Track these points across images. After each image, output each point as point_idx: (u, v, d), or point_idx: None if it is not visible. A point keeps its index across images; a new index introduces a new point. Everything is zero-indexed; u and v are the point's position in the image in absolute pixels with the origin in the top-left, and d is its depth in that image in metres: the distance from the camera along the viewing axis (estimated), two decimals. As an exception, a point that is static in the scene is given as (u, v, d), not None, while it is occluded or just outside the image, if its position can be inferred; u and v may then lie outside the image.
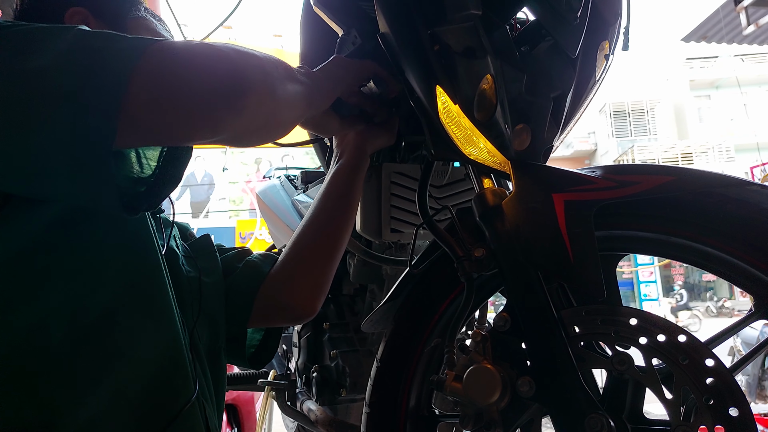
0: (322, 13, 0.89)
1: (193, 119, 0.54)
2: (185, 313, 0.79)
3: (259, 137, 0.66)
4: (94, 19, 0.81)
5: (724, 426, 0.53)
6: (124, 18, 0.84)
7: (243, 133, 0.61)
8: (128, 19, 0.85)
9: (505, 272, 0.66)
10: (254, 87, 0.57)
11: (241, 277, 0.94)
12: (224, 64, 0.56)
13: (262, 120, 0.62)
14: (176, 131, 0.55)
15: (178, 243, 0.91)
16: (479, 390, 0.61)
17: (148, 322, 0.67)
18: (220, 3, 2.43)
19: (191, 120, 0.54)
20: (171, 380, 0.69)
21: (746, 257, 0.58)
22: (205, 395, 0.78)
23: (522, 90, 0.67)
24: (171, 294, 0.72)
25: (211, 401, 0.80)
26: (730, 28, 5.63)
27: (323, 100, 0.76)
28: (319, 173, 1.76)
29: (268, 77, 0.60)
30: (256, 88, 0.57)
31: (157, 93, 0.51)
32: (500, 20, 0.68)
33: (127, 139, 0.51)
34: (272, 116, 0.63)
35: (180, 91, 0.52)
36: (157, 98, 0.51)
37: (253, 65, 0.59)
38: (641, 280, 15.62)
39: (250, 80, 0.57)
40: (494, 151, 0.69)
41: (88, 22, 0.80)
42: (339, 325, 1.47)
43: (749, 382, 4.76)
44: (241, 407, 2.70)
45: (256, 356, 1.00)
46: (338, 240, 0.93)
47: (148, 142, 0.56)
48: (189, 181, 15.39)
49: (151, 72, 0.51)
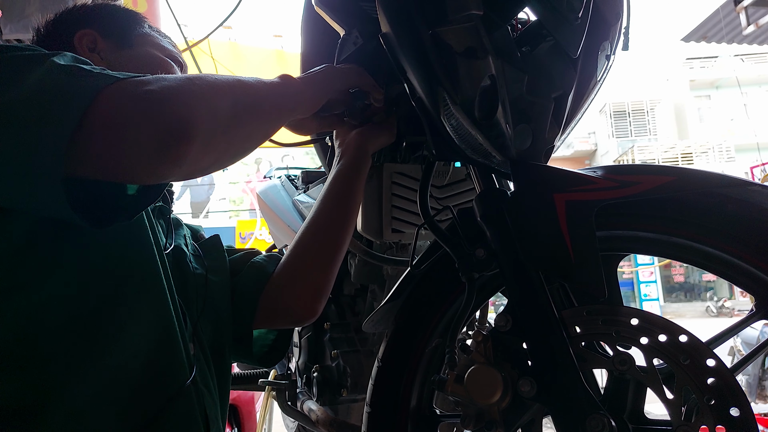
0: (324, 14, 0.89)
1: (135, 163, 0.56)
2: (189, 306, 0.82)
3: (219, 166, 0.67)
4: (102, 39, 0.85)
5: (725, 426, 0.53)
6: (130, 36, 0.89)
7: (195, 170, 0.62)
8: (134, 36, 0.89)
9: (506, 272, 0.66)
10: (195, 135, 0.56)
11: (245, 278, 0.94)
12: (170, 110, 0.56)
13: (212, 157, 0.62)
14: (122, 171, 0.57)
15: (187, 242, 0.93)
16: (480, 390, 0.61)
17: (142, 312, 0.69)
18: (220, 3, 2.43)
19: (134, 163, 0.56)
20: (163, 366, 0.71)
21: (747, 257, 0.58)
22: (208, 386, 0.80)
23: (523, 90, 0.67)
24: (166, 286, 0.73)
25: (213, 393, 0.82)
26: (730, 28, 5.63)
27: (305, 108, 0.78)
28: (320, 173, 1.76)
29: (217, 118, 0.60)
30: (196, 137, 0.57)
31: (104, 133, 0.53)
32: (501, 20, 0.68)
33: (81, 170, 0.54)
34: (226, 150, 0.65)
35: (123, 135, 0.54)
36: (104, 138, 0.54)
37: (203, 109, 0.58)
38: (641, 280, 15.63)
39: (190, 129, 0.56)
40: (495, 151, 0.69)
41: (97, 43, 0.85)
42: (340, 325, 1.47)
43: (750, 382, 4.76)
44: (242, 407, 2.70)
45: (267, 356, 1.02)
46: (340, 242, 0.92)
47: (100, 177, 0.57)
48: (189, 181, 15.37)
49: (101, 113, 0.53)
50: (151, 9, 3.69)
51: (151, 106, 0.55)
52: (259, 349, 1.02)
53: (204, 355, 0.83)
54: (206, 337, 0.85)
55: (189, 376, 0.73)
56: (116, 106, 0.54)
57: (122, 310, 0.67)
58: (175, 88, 0.57)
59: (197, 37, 4.08)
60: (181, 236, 0.94)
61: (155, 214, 0.86)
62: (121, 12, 0.92)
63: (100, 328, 0.65)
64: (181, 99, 0.57)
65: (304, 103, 0.77)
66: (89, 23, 0.85)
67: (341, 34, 0.89)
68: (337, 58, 0.88)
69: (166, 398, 0.69)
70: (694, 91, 19.76)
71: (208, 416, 0.77)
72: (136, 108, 0.55)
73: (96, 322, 0.65)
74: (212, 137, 0.59)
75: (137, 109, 0.55)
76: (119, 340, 0.66)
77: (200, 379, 0.78)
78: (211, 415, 0.78)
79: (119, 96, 0.54)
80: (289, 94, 0.74)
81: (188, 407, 0.72)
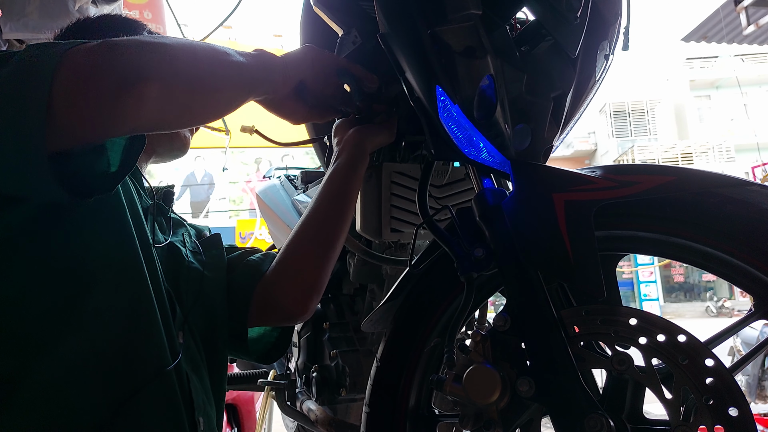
0: (323, 13, 0.89)
1: (100, 114, 0.60)
2: (181, 298, 0.86)
3: (188, 120, 0.74)
4: None
5: (723, 426, 0.53)
6: None
7: (162, 120, 0.67)
8: None
9: (505, 272, 0.66)
10: (150, 78, 0.61)
11: (240, 276, 0.95)
12: (124, 58, 0.60)
13: (176, 107, 0.67)
14: (94, 126, 0.60)
15: (186, 240, 0.96)
16: (479, 390, 0.61)
17: (116, 298, 0.73)
18: (220, 3, 2.43)
19: (100, 114, 0.60)
20: (140, 349, 0.73)
21: (746, 257, 0.58)
22: (200, 374, 0.83)
23: (522, 90, 0.67)
24: (148, 276, 0.76)
25: (204, 381, 0.85)
26: (730, 28, 5.63)
27: (277, 83, 0.80)
28: (319, 173, 1.76)
29: (174, 66, 0.64)
30: (151, 79, 0.61)
31: (71, 91, 0.57)
32: (500, 20, 0.68)
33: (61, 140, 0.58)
34: (190, 102, 0.68)
35: (86, 88, 0.58)
36: (72, 97, 0.57)
37: (157, 57, 0.63)
38: (641, 280, 15.65)
39: (146, 72, 0.61)
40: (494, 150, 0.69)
41: None
42: (339, 324, 1.47)
43: (749, 382, 4.76)
44: (241, 407, 2.70)
45: (268, 354, 1.03)
46: (334, 239, 0.92)
47: (80, 140, 0.61)
48: (189, 181, 15.40)
49: (65, 76, 0.57)
50: (152, 8, 3.69)
51: (107, 57, 0.59)
52: (263, 347, 1.04)
53: (196, 345, 0.85)
54: (198, 329, 0.87)
55: (170, 362, 0.75)
56: (76, 65, 0.58)
57: (96, 296, 0.71)
58: (130, 42, 0.63)
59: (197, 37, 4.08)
60: (180, 234, 0.96)
61: (152, 212, 0.89)
62: (123, 21, 0.97)
63: (73, 311, 0.69)
64: (134, 47, 0.62)
65: (270, 79, 0.79)
66: (93, 35, 0.87)
67: (340, 34, 0.89)
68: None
69: (143, 380, 0.72)
70: (694, 91, 19.76)
71: (195, 402, 0.79)
72: (93, 61, 0.59)
73: (69, 307, 0.69)
74: (171, 85, 0.64)
75: (94, 62, 0.59)
76: (91, 323, 0.69)
77: (190, 367, 0.81)
78: (197, 400, 0.80)
79: (78, 56, 0.58)
80: (255, 67, 0.76)
81: (168, 390, 0.74)
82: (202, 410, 0.81)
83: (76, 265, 0.71)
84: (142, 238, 0.79)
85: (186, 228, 1.00)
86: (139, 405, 0.71)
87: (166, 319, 0.78)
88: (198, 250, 0.95)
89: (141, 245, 0.78)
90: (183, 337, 0.82)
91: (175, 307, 0.83)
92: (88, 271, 0.71)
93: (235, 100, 0.75)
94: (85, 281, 0.71)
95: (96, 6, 2.26)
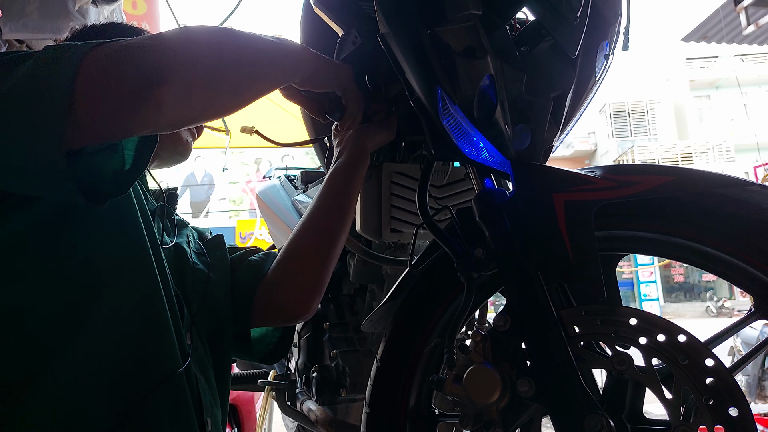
0: (322, 14, 0.89)
1: (120, 114, 0.60)
2: (188, 300, 0.86)
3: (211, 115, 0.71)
4: None
5: (723, 426, 0.53)
6: None
7: (182, 118, 0.66)
8: None
9: (505, 272, 0.66)
10: (170, 79, 0.60)
11: (242, 276, 0.96)
12: (145, 58, 0.60)
13: (197, 106, 0.66)
14: (113, 126, 0.60)
15: (190, 241, 0.96)
16: (479, 390, 0.61)
17: (128, 301, 0.72)
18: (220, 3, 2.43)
19: (120, 114, 0.59)
20: (151, 352, 0.73)
21: (746, 257, 0.58)
22: (207, 375, 0.84)
23: (522, 90, 0.67)
24: (159, 279, 0.76)
25: (211, 382, 0.85)
26: (730, 28, 5.63)
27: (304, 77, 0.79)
28: (319, 173, 1.76)
29: (196, 66, 0.64)
30: (172, 81, 0.61)
31: (92, 91, 0.57)
32: (500, 20, 0.68)
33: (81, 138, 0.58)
34: (212, 100, 0.68)
35: (107, 89, 0.58)
36: (92, 96, 0.57)
37: (180, 56, 0.63)
38: (641, 280, 15.65)
39: (165, 73, 0.60)
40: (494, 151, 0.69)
41: None
42: (339, 325, 1.47)
43: (749, 382, 4.75)
44: (241, 407, 2.70)
45: (270, 354, 1.03)
46: (334, 239, 0.92)
47: (99, 139, 0.61)
48: (189, 181, 15.39)
49: (87, 75, 0.57)
50: (151, 10, 3.69)
51: (128, 57, 0.59)
52: (266, 347, 1.04)
53: (203, 346, 0.86)
54: (205, 330, 0.87)
55: (181, 363, 0.75)
56: (98, 65, 0.58)
57: (109, 298, 0.70)
58: (151, 39, 0.62)
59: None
60: (185, 235, 0.97)
61: (159, 214, 0.89)
62: (130, 30, 0.98)
63: (86, 313, 0.68)
64: (156, 48, 0.62)
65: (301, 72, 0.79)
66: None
67: (340, 34, 0.89)
68: (335, 58, 0.88)
69: (155, 382, 0.72)
70: (694, 91, 19.76)
71: (203, 403, 0.79)
72: (115, 62, 0.59)
73: (82, 309, 0.68)
74: (193, 84, 0.63)
75: (116, 63, 0.59)
76: (103, 325, 0.69)
77: (198, 368, 0.82)
78: (205, 401, 0.80)
79: (100, 56, 0.58)
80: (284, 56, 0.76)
81: (179, 392, 0.74)
82: (210, 411, 0.82)
83: (88, 267, 0.70)
84: (151, 239, 0.79)
85: (189, 229, 1.00)
86: (151, 407, 0.70)
87: (176, 321, 0.78)
88: (202, 252, 0.96)
89: (151, 247, 0.78)
90: (191, 338, 0.82)
91: (183, 308, 0.84)
92: (100, 273, 0.71)
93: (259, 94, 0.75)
94: (97, 283, 0.70)
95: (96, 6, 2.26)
